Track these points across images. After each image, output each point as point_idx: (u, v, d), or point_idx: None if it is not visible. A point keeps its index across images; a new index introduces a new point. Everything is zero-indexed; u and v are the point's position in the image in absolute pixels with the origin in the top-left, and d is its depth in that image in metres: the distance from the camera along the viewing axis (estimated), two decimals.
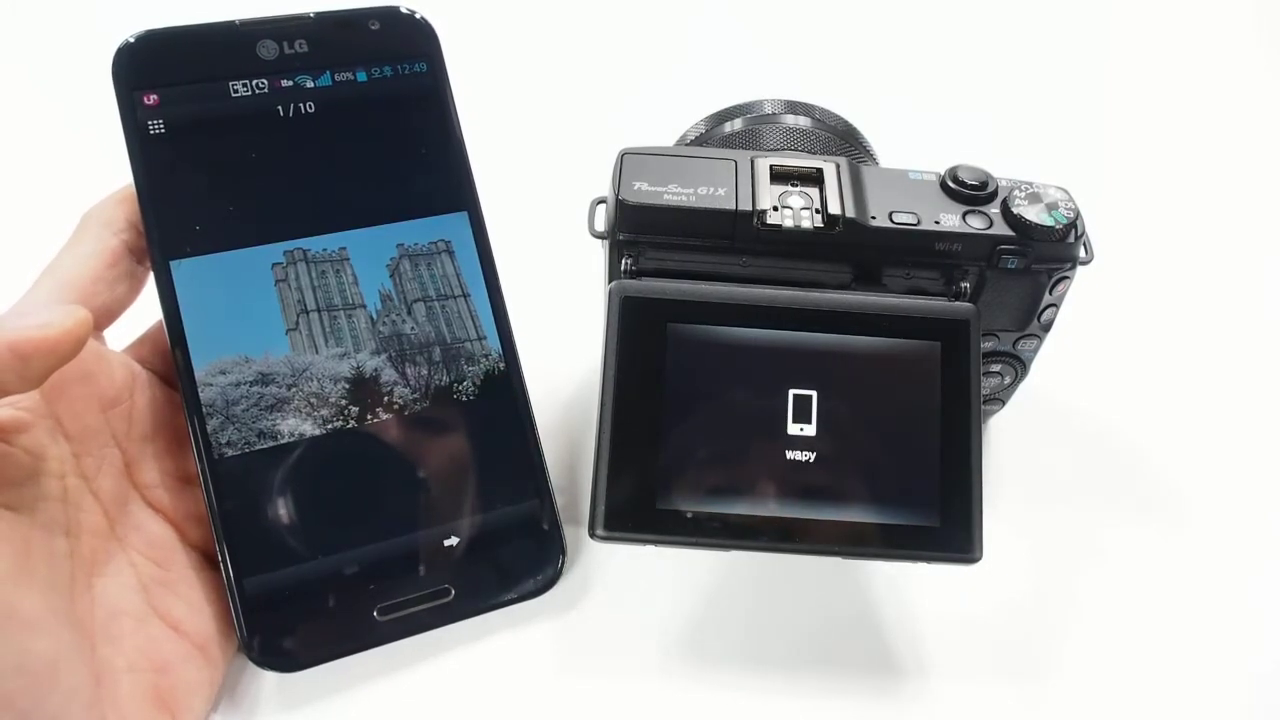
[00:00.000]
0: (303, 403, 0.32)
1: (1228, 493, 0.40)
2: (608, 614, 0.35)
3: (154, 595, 0.30)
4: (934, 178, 0.33)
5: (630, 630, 0.34)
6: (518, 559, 0.34)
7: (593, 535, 0.29)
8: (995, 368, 0.37)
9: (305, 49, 0.33)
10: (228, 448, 0.31)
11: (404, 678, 0.33)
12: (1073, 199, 0.32)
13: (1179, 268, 0.49)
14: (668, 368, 0.29)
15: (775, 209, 0.31)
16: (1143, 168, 0.55)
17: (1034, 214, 0.32)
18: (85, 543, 0.29)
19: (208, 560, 0.32)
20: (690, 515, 0.29)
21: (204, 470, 0.31)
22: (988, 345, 0.36)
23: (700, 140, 0.41)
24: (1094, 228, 0.33)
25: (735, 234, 0.31)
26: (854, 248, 0.32)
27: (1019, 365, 0.37)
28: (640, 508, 0.29)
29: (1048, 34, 0.66)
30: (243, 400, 0.32)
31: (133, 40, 0.31)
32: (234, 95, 0.32)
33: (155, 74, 0.31)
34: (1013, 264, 0.32)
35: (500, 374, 0.34)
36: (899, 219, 0.31)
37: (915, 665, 0.34)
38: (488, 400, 0.34)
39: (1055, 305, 0.34)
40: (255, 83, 0.32)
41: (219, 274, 0.32)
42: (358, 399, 0.33)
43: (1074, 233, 0.32)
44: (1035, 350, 0.36)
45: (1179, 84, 0.62)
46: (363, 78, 0.33)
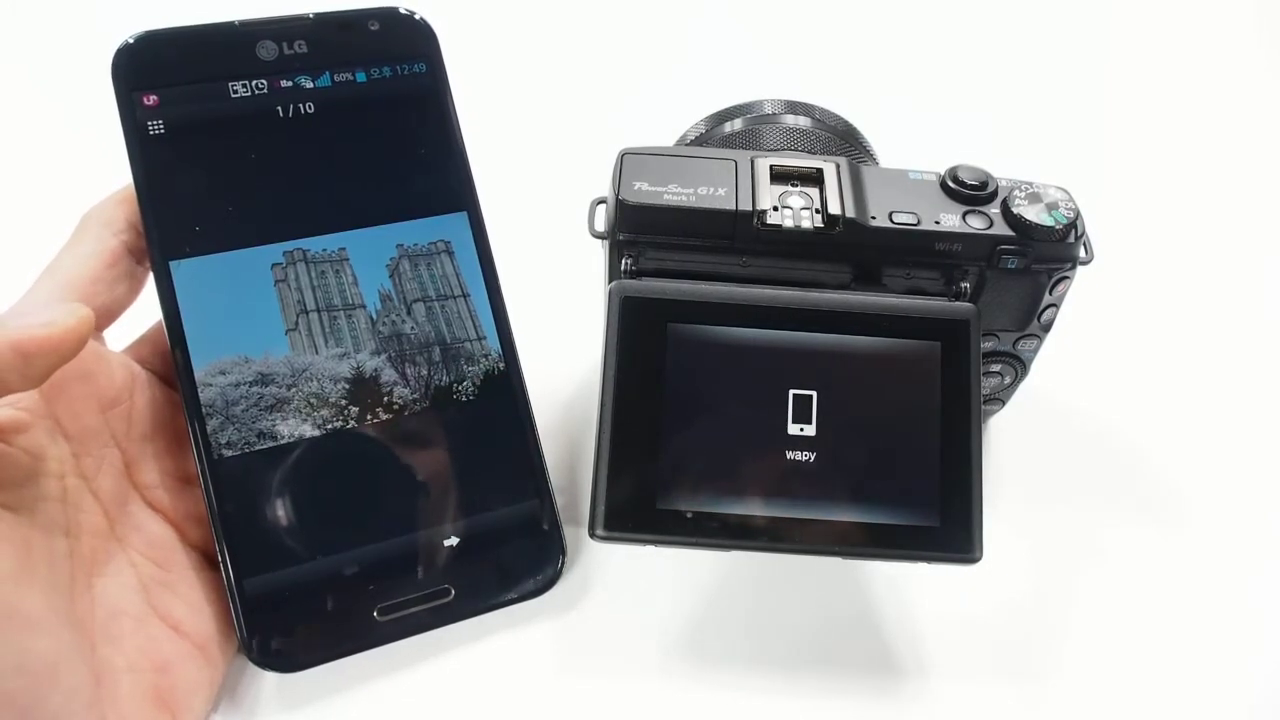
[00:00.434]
0: (302, 403, 0.32)
1: (1228, 493, 0.40)
2: (608, 614, 0.35)
3: (154, 595, 0.30)
4: (934, 178, 0.33)
5: (630, 630, 0.34)
6: (518, 559, 0.34)
7: (593, 535, 0.29)
8: (995, 368, 0.37)
9: (305, 50, 0.33)
10: (227, 448, 0.31)
11: (404, 678, 0.33)
12: (1073, 199, 0.32)
13: (1179, 268, 0.49)
14: (668, 368, 0.29)
15: (775, 209, 0.31)
16: (1143, 168, 0.55)
17: (1034, 214, 0.32)
18: (85, 543, 0.29)
19: (208, 560, 0.32)
20: (690, 515, 0.29)
21: (203, 471, 0.31)
22: (988, 345, 0.36)
23: (700, 140, 0.41)
24: (1094, 228, 0.33)
25: (735, 234, 0.31)
26: (854, 248, 0.31)
27: (1019, 365, 0.37)
28: (640, 508, 0.29)
29: (1048, 34, 0.66)
30: (242, 400, 0.32)
31: (132, 41, 0.31)
32: (233, 96, 0.32)
33: (155, 74, 0.31)
34: (1013, 264, 0.32)
35: (500, 374, 0.34)
36: (899, 219, 0.31)
37: (915, 665, 0.34)
38: (487, 400, 0.34)
39: (1055, 305, 0.34)
40: (255, 83, 0.32)
41: (219, 274, 0.32)
42: (357, 399, 0.33)
43: (1074, 233, 0.32)
44: (1035, 350, 0.36)
45: (1179, 84, 0.62)
46: (362, 78, 0.33)
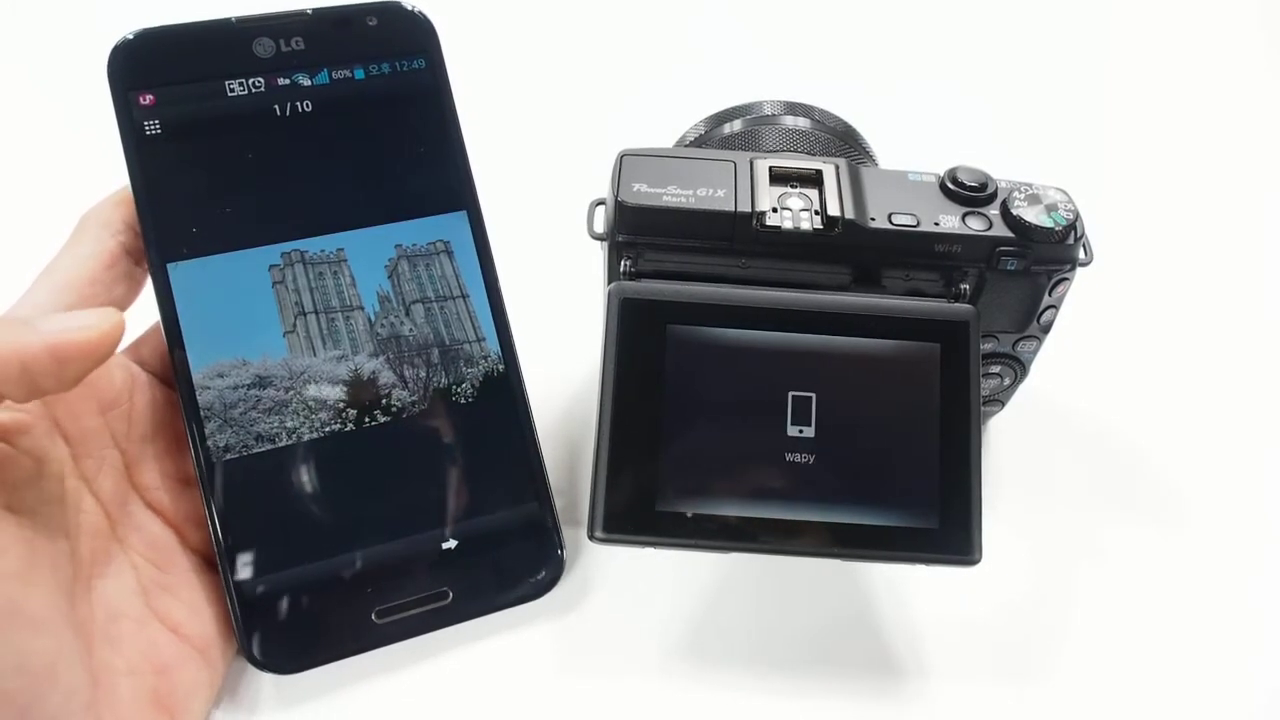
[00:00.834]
0: (300, 406, 0.32)
1: (1227, 493, 0.40)
2: (607, 615, 0.35)
3: (154, 597, 0.30)
4: (933, 179, 0.33)
5: (630, 631, 0.34)
6: (517, 561, 0.34)
7: (592, 537, 0.28)
8: (995, 369, 0.37)
9: (302, 46, 0.32)
10: (226, 451, 0.31)
11: (403, 678, 0.33)
12: (1072, 200, 0.32)
13: (1178, 269, 0.49)
14: (667, 369, 0.29)
15: (774, 210, 0.31)
16: (1142, 169, 0.55)
17: (1033, 215, 0.32)
18: (85, 544, 0.29)
19: (207, 562, 0.32)
20: (689, 517, 0.29)
21: (202, 473, 0.31)
22: (987, 347, 0.35)
23: (699, 141, 0.41)
24: (1093, 229, 0.33)
25: (734, 235, 0.31)
26: (853, 249, 0.31)
27: (1018, 366, 0.37)
28: (640, 510, 0.29)
29: (1047, 35, 0.66)
30: (240, 403, 0.32)
31: (128, 39, 0.31)
32: (230, 94, 0.32)
33: (151, 73, 0.31)
34: (1012, 265, 0.32)
35: (499, 375, 0.34)
36: (898, 220, 0.31)
37: (915, 666, 0.34)
38: (487, 402, 0.34)
39: (1055, 307, 0.34)
40: (252, 81, 0.32)
41: (216, 276, 0.32)
42: (355, 402, 0.33)
43: (1073, 234, 0.32)
44: (1035, 352, 0.36)
45: (1178, 85, 0.62)
46: (360, 75, 0.33)
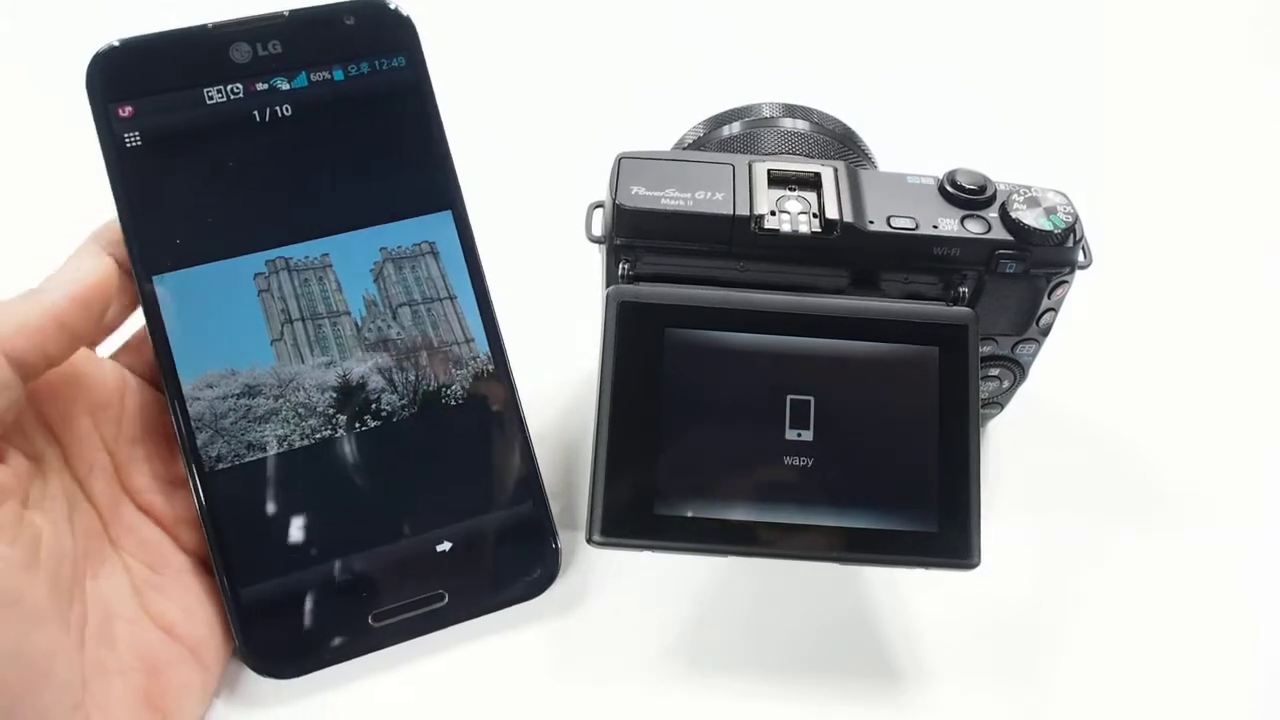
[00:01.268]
0: (290, 413, 0.32)
1: (1227, 496, 0.39)
2: (604, 618, 0.35)
3: (147, 598, 0.30)
4: (932, 182, 0.33)
5: (628, 634, 0.34)
6: (512, 562, 0.34)
7: (590, 541, 0.28)
8: (994, 372, 0.37)
9: (279, 49, 0.32)
10: (219, 461, 0.31)
11: (399, 680, 0.33)
12: (1071, 203, 0.32)
13: (1178, 272, 0.49)
14: (665, 373, 0.29)
15: (773, 213, 0.31)
16: (1141, 172, 0.55)
17: (1032, 218, 0.32)
18: (80, 544, 0.29)
19: (200, 563, 0.32)
20: (688, 520, 0.29)
21: (196, 484, 0.31)
22: (986, 350, 0.35)
23: (698, 144, 0.41)
24: (1092, 232, 0.33)
25: (733, 239, 0.31)
26: (852, 252, 0.31)
27: (1017, 370, 0.37)
28: (638, 513, 0.29)
29: (1046, 38, 0.66)
30: (230, 413, 0.32)
31: (105, 51, 0.30)
32: (209, 102, 0.31)
33: (129, 85, 0.31)
34: (1011, 268, 0.32)
35: (489, 376, 0.34)
36: (897, 223, 0.31)
37: (914, 670, 0.34)
38: (477, 403, 0.34)
39: (1054, 310, 0.34)
40: (230, 88, 0.31)
41: (202, 287, 0.32)
42: (345, 407, 0.33)
43: (1072, 237, 0.32)
44: (1034, 355, 0.36)
45: (1177, 88, 0.62)
46: (340, 76, 0.32)
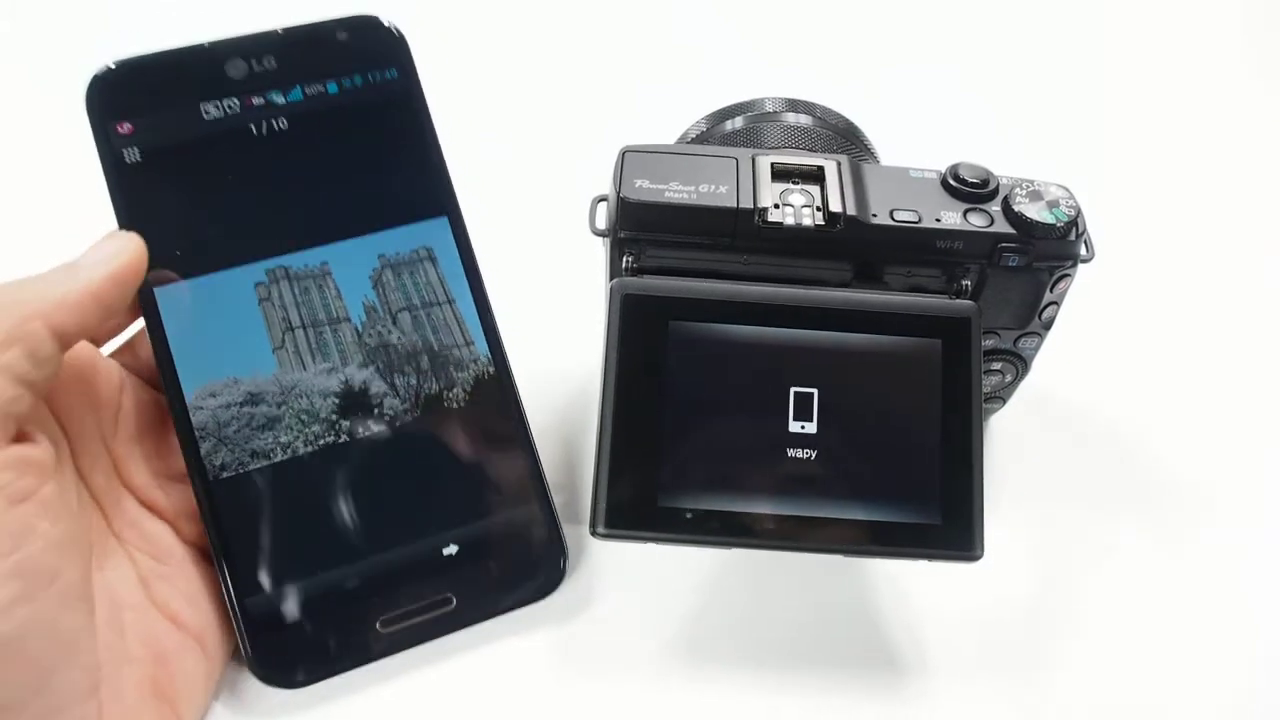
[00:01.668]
0: (294, 420, 0.32)
1: (1229, 490, 0.40)
2: (607, 612, 0.35)
3: (153, 588, 0.31)
4: (935, 175, 0.33)
5: (631, 629, 0.34)
6: (518, 564, 0.34)
7: (594, 533, 0.29)
8: (996, 366, 0.37)
9: (274, 65, 0.32)
10: (223, 470, 0.31)
11: (404, 681, 0.33)
12: (1074, 197, 0.32)
13: (1180, 265, 0.49)
14: (669, 365, 0.29)
15: (776, 207, 0.31)
16: (1144, 165, 0.55)
17: (1035, 212, 0.32)
18: (87, 535, 0.30)
19: (201, 554, 0.32)
20: (691, 513, 0.29)
21: (201, 494, 0.31)
22: (988, 343, 0.36)
23: (701, 138, 0.41)
24: (1095, 226, 0.33)
25: (736, 232, 0.31)
26: (855, 245, 0.31)
27: (1020, 363, 0.37)
28: (642, 506, 0.29)
29: (1048, 32, 0.66)
30: (234, 422, 0.32)
31: (105, 71, 0.31)
32: (206, 117, 0.32)
33: (128, 103, 0.31)
34: (1014, 262, 0.32)
35: (490, 378, 0.34)
36: (900, 217, 0.31)
37: (917, 663, 0.34)
38: (479, 406, 0.34)
39: (1056, 303, 0.34)
40: (226, 103, 0.32)
41: (203, 298, 0.32)
42: (348, 412, 0.33)
43: (1075, 230, 0.32)
44: (1036, 348, 0.36)
45: (1179, 82, 0.62)
46: (334, 89, 0.33)
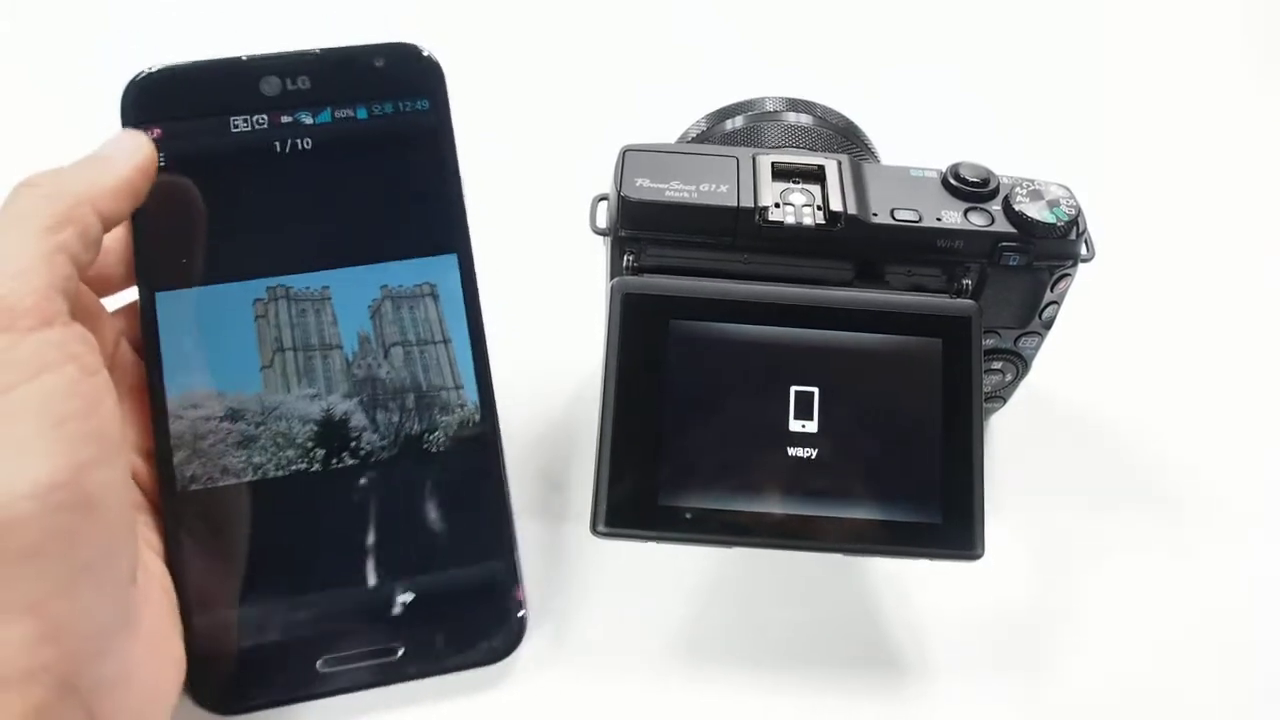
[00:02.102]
0: (269, 442, 0.31)
1: (1229, 490, 0.40)
2: (608, 614, 0.35)
3: (149, 531, 0.30)
4: (935, 175, 0.33)
5: (631, 630, 0.34)
6: (474, 623, 0.32)
7: (594, 532, 0.29)
8: (996, 365, 0.37)
9: (308, 85, 0.32)
10: (192, 482, 0.31)
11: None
12: (1074, 196, 0.32)
13: (1181, 265, 0.49)
14: (669, 364, 0.30)
15: (777, 206, 0.31)
16: (1144, 165, 0.55)
17: (1036, 211, 0.32)
18: None
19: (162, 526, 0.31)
20: (692, 512, 0.29)
21: (165, 502, 0.31)
22: (989, 342, 0.36)
23: (701, 137, 0.41)
24: (1095, 225, 0.33)
25: (737, 231, 0.31)
26: (856, 244, 0.31)
27: (1020, 363, 0.37)
28: (642, 504, 0.29)
29: (1048, 32, 0.66)
30: (210, 435, 0.31)
31: (144, 75, 0.31)
32: (234, 130, 0.32)
33: (162, 108, 0.31)
34: (1014, 261, 0.32)
35: (474, 425, 0.33)
36: (900, 216, 0.31)
37: (917, 662, 0.34)
38: (459, 453, 0.32)
39: (1057, 303, 0.34)
40: (255, 118, 0.32)
41: (201, 307, 0.32)
42: (324, 442, 0.32)
43: (1075, 230, 0.32)
44: (1036, 348, 0.36)
45: (1180, 82, 0.62)
46: (363, 115, 0.32)
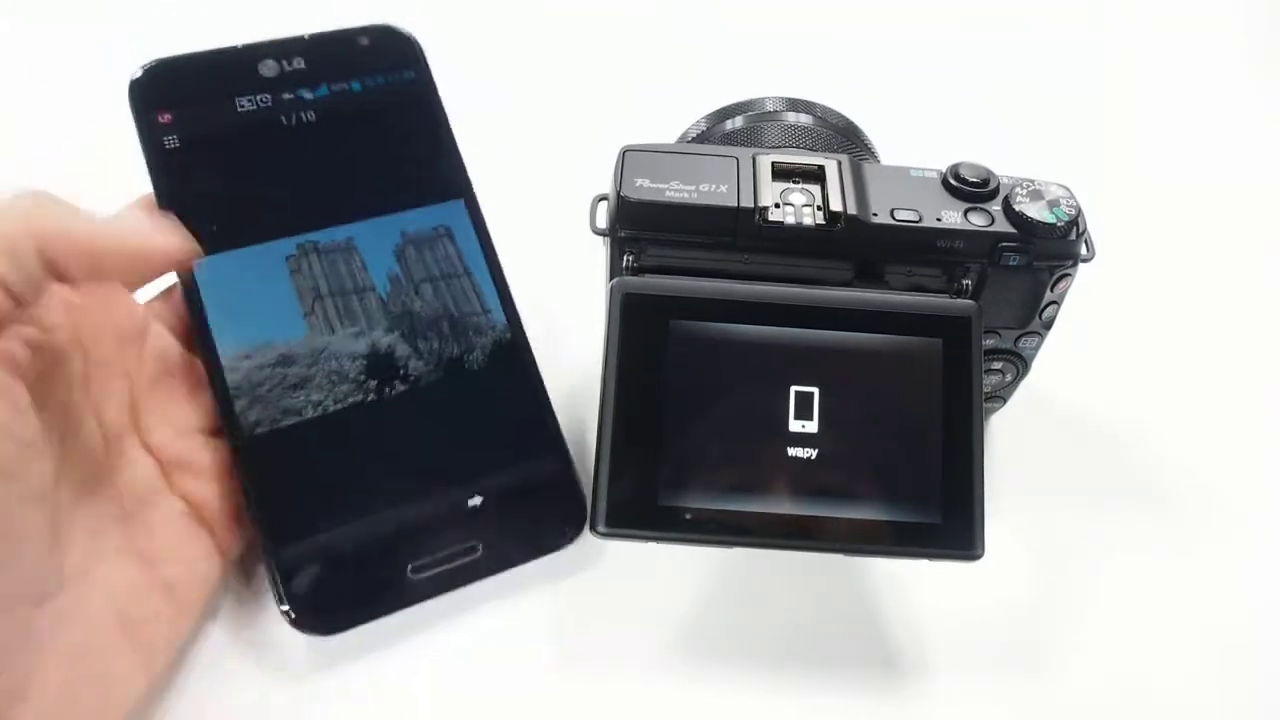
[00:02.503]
0: (324, 380, 0.34)
1: (1229, 490, 0.40)
2: (608, 614, 0.35)
3: (133, 529, 0.31)
4: (935, 175, 0.33)
5: (631, 630, 0.34)
6: (541, 513, 0.35)
7: (594, 532, 0.29)
8: (996, 365, 0.37)
9: (303, 65, 0.35)
10: (257, 426, 0.33)
11: (397, 676, 0.33)
12: (1074, 196, 0.32)
13: (1180, 265, 0.49)
14: (669, 364, 0.30)
15: (777, 206, 0.31)
16: (1144, 165, 0.55)
17: (1035, 211, 0.32)
18: (79, 459, 0.30)
19: (192, 508, 0.33)
20: (691, 512, 0.29)
21: (236, 448, 0.33)
22: (989, 343, 0.36)
23: (701, 138, 0.41)
24: (1095, 226, 0.33)
25: (737, 231, 0.31)
26: (856, 244, 0.31)
27: (1020, 363, 0.37)
28: (642, 505, 0.29)
29: (1048, 32, 0.66)
30: (266, 381, 0.34)
31: (147, 67, 0.34)
32: (240, 110, 0.35)
33: (168, 96, 0.34)
34: (1014, 261, 0.32)
35: (507, 343, 0.36)
36: (900, 216, 0.31)
37: (917, 663, 0.34)
38: (497, 367, 0.36)
39: (1056, 303, 0.34)
40: (259, 98, 0.35)
41: (237, 269, 0.34)
42: (375, 373, 0.35)
43: (1075, 230, 0.32)
44: (1036, 348, 0.36)
45: (1180, 82, 0.62)
46: (357, 87, 0.36)
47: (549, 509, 0.36)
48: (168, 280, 0.34)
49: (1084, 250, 0.33)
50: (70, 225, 0.28)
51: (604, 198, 0.33)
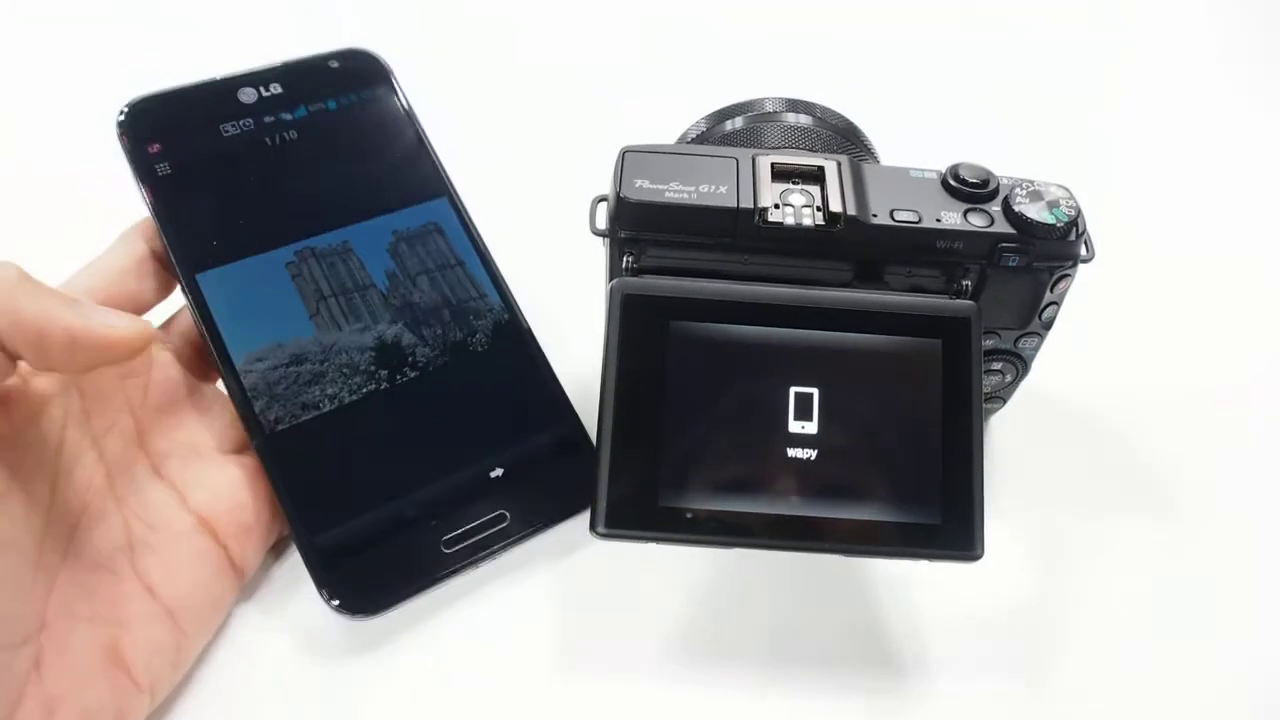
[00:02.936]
0: (337, 374, 0.36)
1: (1229, 490, 0.40)
2: (608, 614, 0.35)
3: (139, 555, 0.31)
4: (935, 176, 0.33)
5: (631, 630, 0.34)
6: (560, 477, 0.37)
7: (594, 532, 0.29)
8: (996, 366, 0.37)
9: (280, 90, 0.38)
10: (277, 423, 0.35)
11: (397, 676, 0.33)
12: (1074, 197, 0.32)
13: (1180, 265, 0.49)
14: (669, 365, 0.30)
15: (776, 207, 0.31)
16: (1144, 165, 0.55)
17: (1035, 212, 0.32)
18: (75, 495, 0.30)
19: (204, 525, 0.33)
20: (691, 513, 0.29)
21: (259, 447, 0.34)
22: (988, 343, 0.36)
23: (701, 138, 0.41)
24: (1095, 226, 0.33)
25: (736, 232, 0.31)
26: (855, 245, 0.31)
27: (1020, 363, 0.37)
28: (642, 506, 0.29)
29: (1048, 32, 0.66)
30: (282, 380, 0.35)
31: (132, 103, 0.36)
32: (225, 135, 0.37)
33: (155, 128, 0.36)
34: (1014, 262, 0.32)
35: (506, 323, 0.39)
36: (900, 217, 0.31)
37: (917, 663, 0.34)
38: (500, 346, 0.38)
39: (1056, 303, 0.34)
40: (242, 122, 0.37)
41: (241, 279, 0.36)
42: (385, 363, 0.37)
43: (1075, 231, 0.32)
44: (1036, 348, 0.36)
45: (1179, 82, 0.62)
46: (333, 105, 0.39)
47: (566, 471, 0.37)
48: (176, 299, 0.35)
49: (1084, 251, 0.33)
50: (25, 308, 0.27)
51: (604, 198, 0.33)
